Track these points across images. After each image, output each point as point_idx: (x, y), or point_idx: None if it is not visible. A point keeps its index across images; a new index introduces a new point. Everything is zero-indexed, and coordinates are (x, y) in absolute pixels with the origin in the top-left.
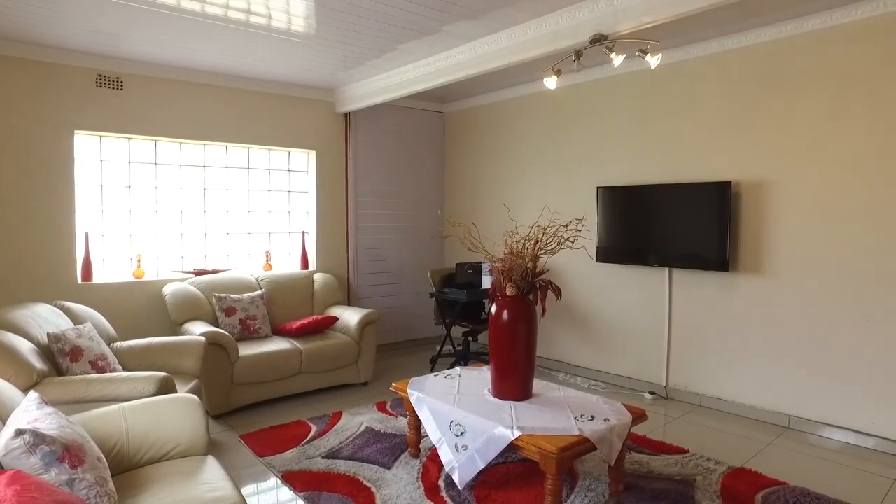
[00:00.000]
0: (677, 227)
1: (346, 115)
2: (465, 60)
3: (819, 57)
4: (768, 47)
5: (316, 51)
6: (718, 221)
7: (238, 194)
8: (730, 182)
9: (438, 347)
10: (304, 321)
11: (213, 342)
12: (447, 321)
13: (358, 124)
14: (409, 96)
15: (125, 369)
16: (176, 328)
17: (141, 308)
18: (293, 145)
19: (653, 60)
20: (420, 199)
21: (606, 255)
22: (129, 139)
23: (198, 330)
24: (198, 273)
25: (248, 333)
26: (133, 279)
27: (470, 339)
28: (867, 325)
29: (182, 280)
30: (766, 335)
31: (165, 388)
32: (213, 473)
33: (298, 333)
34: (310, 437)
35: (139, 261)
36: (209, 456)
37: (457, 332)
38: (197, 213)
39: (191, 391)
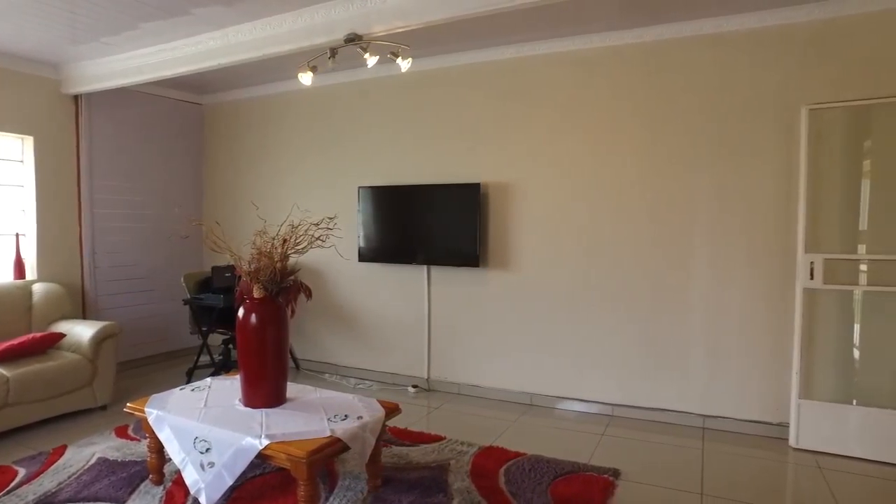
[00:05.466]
0: (434, 226)
1: (76, 97)
2: (217, 48)
3: (549, 76)
4: (510, 64)
5: (31, 14)
6: (470, 221)
7: None
8: (479, 184)
9: (195, 358)
10: (13, 342)
11: None
12: (203, 329)
13: (93, 109)
14: (161, 83)
15: None
16: None
17: None
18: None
19: (403, 64)
20: (174, 198)
21: (369, 254)
22: None
23: None
24: None
25: None
26: None
27: (231, 346)
28: (589, 310)
29: None
30: (512, 324)
31: None
32: None
33: (4, 357)
34: (13, 484)
35: None
36: None
37: (217, 340)
38: None
39: None
